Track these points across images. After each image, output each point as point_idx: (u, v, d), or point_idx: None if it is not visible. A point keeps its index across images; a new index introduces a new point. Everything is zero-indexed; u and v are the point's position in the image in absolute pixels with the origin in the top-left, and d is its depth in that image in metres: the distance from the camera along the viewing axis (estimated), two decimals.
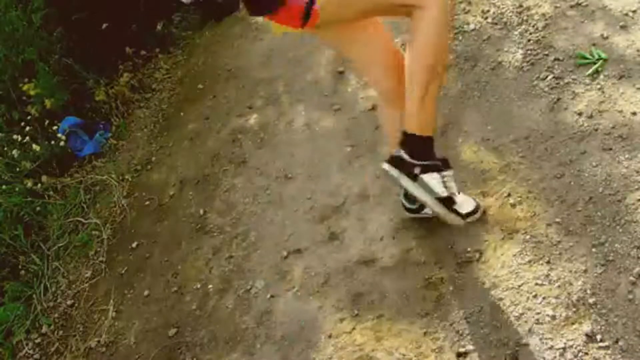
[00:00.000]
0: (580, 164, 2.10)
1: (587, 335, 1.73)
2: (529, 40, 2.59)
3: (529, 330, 1.81)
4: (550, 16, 2.62)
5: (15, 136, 3.57)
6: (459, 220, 1.85)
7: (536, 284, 1.90)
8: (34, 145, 3.50)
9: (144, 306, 2.64)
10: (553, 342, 1.76)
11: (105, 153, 3.58)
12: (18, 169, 3.45)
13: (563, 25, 2.56)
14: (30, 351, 2.73)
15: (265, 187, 2.78)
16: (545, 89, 2.39)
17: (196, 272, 2.63)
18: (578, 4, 2.59)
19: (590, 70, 2.32)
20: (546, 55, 2.49)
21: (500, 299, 1.92)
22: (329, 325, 2.15)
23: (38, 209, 3.28)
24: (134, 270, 2.82)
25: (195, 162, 3.17)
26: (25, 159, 3.46)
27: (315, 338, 2.14)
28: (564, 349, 1.73)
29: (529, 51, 2.55)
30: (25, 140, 3.54)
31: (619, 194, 1.96)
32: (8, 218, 3.21)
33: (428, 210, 2.05)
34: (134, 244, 2.93)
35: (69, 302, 2.85)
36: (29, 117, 3.66)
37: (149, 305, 2.64)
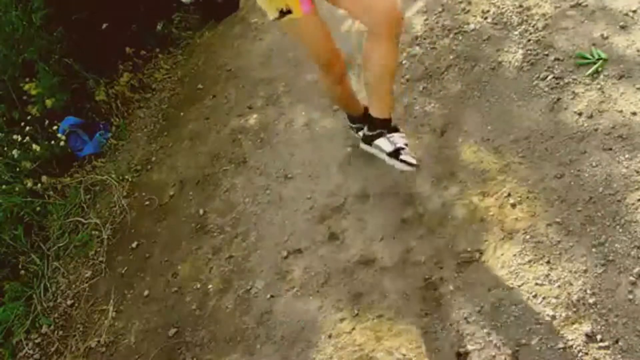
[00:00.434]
0: (580, 164, 2.10)
1: (587, 335, 1.73)
2: (529, 40, 2.59)
3: (529, 330, 1.81)
4: (550, 16, 2.62)
5: (15, 136, 3.56)
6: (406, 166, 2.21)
7: (536, 284, 1.90)
8: (34, 145, 3.49)
9: (144, 306, 2.64)
10: (553, 342, 1.76)
11: (105, 153, 3.58)
12: (18, 169, 3.44)
13: (563, 25, 2.56)
14: (30, 351, 2.73)
15: (265, 187, 2.78)
16: (545, 89, 2.39)
17: (196, 272, 2.63)
18: (578, 4, 2.59)
19: (590, 70, 2.32)
20: (546, 55, 2.49)
21: (500, 299, 1.92)
22: (329, 325, 2.15)
23: (38, 209, 3.28)
24: (134, 270, 2.82)
25: (195, 162, 3.16)
26: (25, 159, 3.45)
27: (315, 338, 2.15)
28: (564, 349, 1.73)
29: (529, 51, 2.55)
30: (25, 140, 3.54)
31: (619, 194, 1.96)
32: (8, 218, 3.21)
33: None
34: (134, 244, 2.93)
35: (69, 302, 2.85)
36: (29, 117, 3.65)
37: (149, 305, 2.64)
